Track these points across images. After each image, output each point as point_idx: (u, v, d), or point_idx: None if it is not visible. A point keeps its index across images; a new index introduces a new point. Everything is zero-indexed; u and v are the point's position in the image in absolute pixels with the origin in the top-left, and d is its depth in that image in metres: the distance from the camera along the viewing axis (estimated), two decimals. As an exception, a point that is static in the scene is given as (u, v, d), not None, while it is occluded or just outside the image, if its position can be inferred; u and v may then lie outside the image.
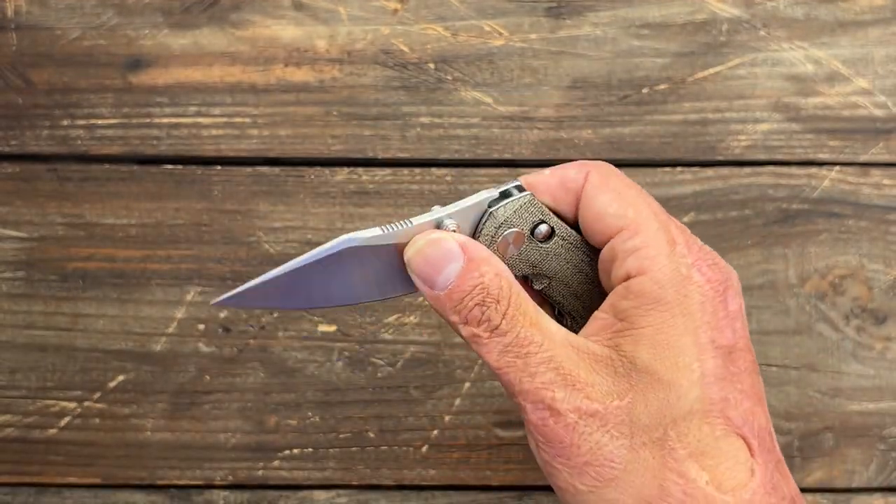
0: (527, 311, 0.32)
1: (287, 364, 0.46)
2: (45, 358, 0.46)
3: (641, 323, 0.31)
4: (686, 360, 0.31)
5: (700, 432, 0.30)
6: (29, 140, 0.46)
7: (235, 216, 0.46)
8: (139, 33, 0.47)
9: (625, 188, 0.33)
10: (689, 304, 0.31)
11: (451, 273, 0.32)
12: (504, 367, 0.31)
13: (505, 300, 0.31)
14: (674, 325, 0.31)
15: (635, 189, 0.33)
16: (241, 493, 0.45)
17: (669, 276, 0.31)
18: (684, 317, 0.31)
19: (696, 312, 0.31)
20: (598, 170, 0.34)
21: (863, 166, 0.46)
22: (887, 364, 0.45)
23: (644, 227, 0.32)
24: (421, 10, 0.47)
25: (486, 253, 0.32)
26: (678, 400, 0.30)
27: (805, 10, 0.47)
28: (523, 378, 0.31)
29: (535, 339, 0.31)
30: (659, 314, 0.31)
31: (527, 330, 0.31)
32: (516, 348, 0.31)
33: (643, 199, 0.33)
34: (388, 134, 0.46)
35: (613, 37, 0.47)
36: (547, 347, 0.31)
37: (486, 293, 0.31)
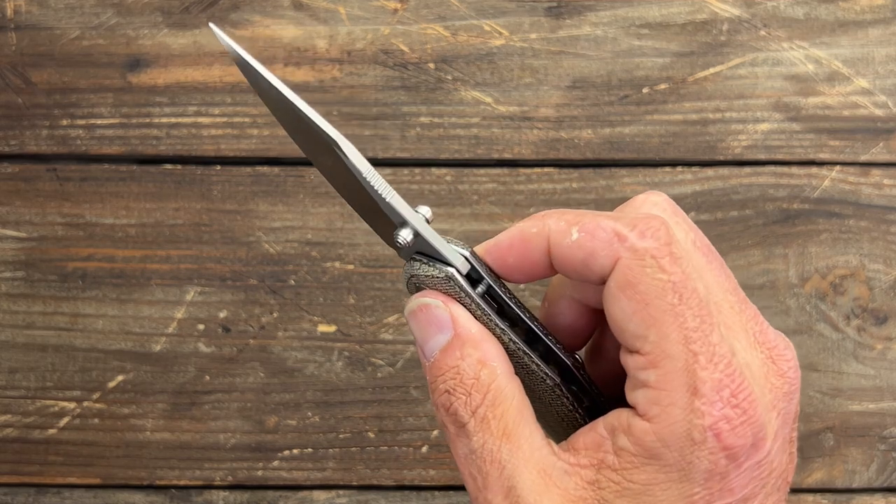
0: (504, 414, 0.27)
1: (287, 364, 0.46)
2: (45, 358, 0.46)
3: (633, 478, 0.26)
4: None
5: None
6: (28, 140, 0.46)
7: (235, 216, 0.46)
8: (139, 33, 0.47)
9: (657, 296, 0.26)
10: (691, 472, 0.26)
11: (436, 345, 0.28)
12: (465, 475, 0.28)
13: (479, 395, 0.27)
14: (666, 489, 0.26)
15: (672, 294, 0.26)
16: (241, 494, 0.45)
17: (677, 437, 0.26)
18: (682, 483, 0.26)
19: (697, 480, 0.26)
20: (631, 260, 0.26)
21: (863, 166, 0.46)
22: (888, 364, 0.45)
23: (665, 361, 0.26)
24: (421, 10, 0.47)
25: (479, 333, 0.28)
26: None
27: (805, 10, 0.47)
28: (478, 496, 0.27)
29: (502, 457, 0.27)
30: (653, 473, 0.26)
31: (494, 442, 0.27)
32: (478, 461, 0.27)
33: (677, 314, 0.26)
34: (388, 134, 0.46)
35: (613, 37, 0.47)
36: (510, 472, 0.27)
37: (458, 380, 0.28)
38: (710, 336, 0.26)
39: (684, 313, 0.26)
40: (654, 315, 0.26)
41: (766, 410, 0.27)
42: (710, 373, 0.26)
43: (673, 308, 0.26)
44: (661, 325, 0.26)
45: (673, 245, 0.27)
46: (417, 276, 0.29)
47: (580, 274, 0.28)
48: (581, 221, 0.27)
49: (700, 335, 0.26)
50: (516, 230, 0.29)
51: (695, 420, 0.26)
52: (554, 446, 0.28)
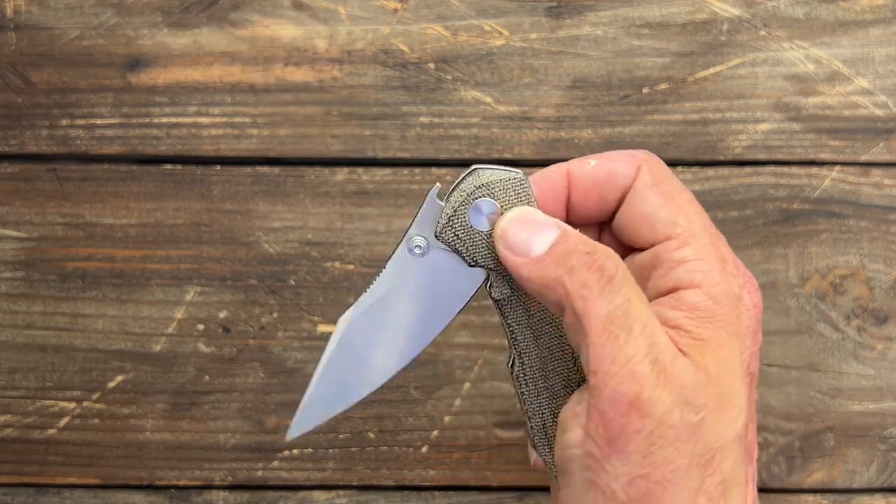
0: (635, 283, 0.29)
1: (287, 364, 0.46)
2: (45, 358, 0.46)
3: (702, 335, 0.29)
4: (737, 383, 0.29)
5: (733, 460, 0.29)
6: (28, 140, 0.46)
7: (235, 216, 0.46)
8: (138, 33, 0.47)
9: (678, 192, 0.31)
10: (739, 326, 0.30)
11: (547, 238, 0.30)
12: (603, 339, 0.28)
13: (616, 257, 0.29)
14: (728, 344, 0.29)
15: (687, 194, 0.31)
16: (241, 494, 0.45)
17: (724, 294, 0.30)
18: (736, 337, 0.30)
19: (744, 336, 0.30)
20: (650, 166, 0.32)
21: (863, 166, 0.46)
22: (888, 364, 0.45)
23: (696, 238, 0.30)
24: (421, 10, 0.47)
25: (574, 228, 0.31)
26: (730, 425, 0.29)
27: (805, 10, 0.47)
28: (618, 358, 0.28)
29: (644, 314, 0.28)
30: (715, 330, 0.29)
31: (639, 300, 0.29)
32: (624, 316, 0.28)
33: (695, 207, 0.31)
34: (387, 134, 0.46)
35: (613, 36, 0.47)
36: (651, 329, 0.28)
37: (593, 245, 0.29)
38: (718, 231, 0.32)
39: (698, 207, 0.32)
40: (680, 205, 0.31)
41: None
42: (727, 249, 0.31)
43: (692, 200, 0.31)
44: (688, 212, 0.31)
45: None
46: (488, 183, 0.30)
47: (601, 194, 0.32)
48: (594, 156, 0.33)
49: (713, 228, 0.31)
50: (537, 174, 0.33)
51: (731, 280, 0.30)
52: None
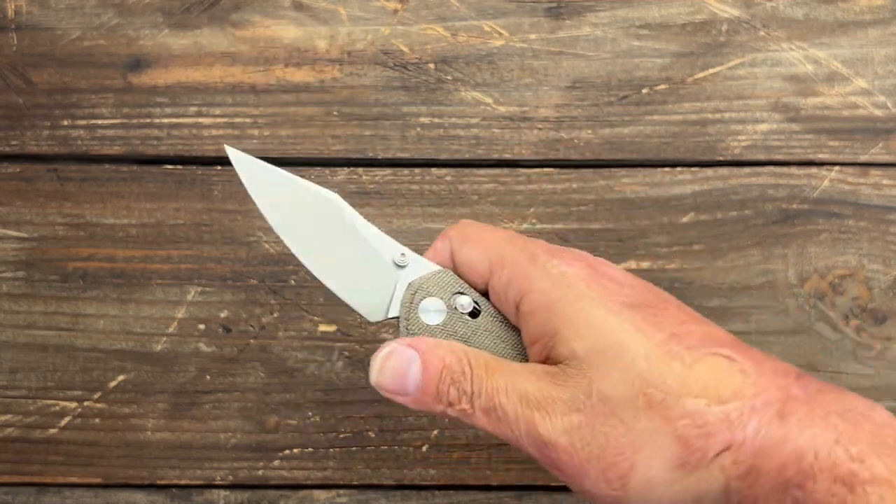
0: (484, 363, 0.33)
1: (287, 364, 0.46)
2: (46, 358, 0.46)
3: (553, 328, 0.32)
4: (613, 325, 0.31)
5: (672, 372, 0.30)
6: (29, 140, 0.47)
7: (236, 216, 0.46)
8: (139, 33, 0.47)
9: (481, 233, 0.35)
10: (578, 289, 0.32)
11: (416, 374, 0.33)
12: (496, 429, 0.32)
13: (467, 367, 0.33)
14: (580, 309, 0.31)
15: (490, 231, 0.35)
16: (242, 493, 0.45)
17: (547, 282, 0.32)
18: (582, 300, 0.31)
19: (588, 292, 0.32)
20: (455, 230, 0.35)
21: (862, 166, 0.46)
22: (887, 364, 0.45)
23: (506, 258, 0.33)
24: (421, 11, 0.47)
25: (431, 340, 0.34)
26: (633, 360, 0.30)
27: (805, 11, 0.47)
28: (512, 428, 0.32)
29: (501, 385, 0.32)
30: (560, 313, 0.32)
31: (490, 381, 0.32)
32: (492, 404, 0.32)
33: (499, 236, 0.34)
34: (388, 134, 0.46)
35: (613, 37, 0.47)
36: (512, 388, 0.32)
37: (451, 371, 0.33)
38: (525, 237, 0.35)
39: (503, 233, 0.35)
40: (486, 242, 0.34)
41: None
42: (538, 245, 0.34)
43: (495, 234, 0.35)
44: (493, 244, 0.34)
45: None
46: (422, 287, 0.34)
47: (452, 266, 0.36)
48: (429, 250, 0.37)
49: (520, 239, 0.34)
50: None
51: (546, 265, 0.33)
52: None
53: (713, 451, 0.29)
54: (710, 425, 0.29)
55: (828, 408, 0.29)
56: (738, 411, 0.29)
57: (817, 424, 0.29)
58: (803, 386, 0.30)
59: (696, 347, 0.30)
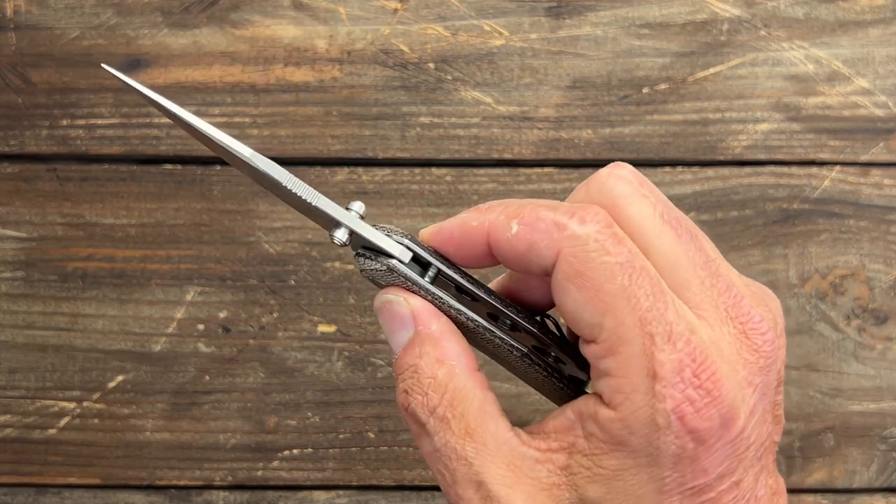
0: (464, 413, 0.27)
1: (287, 364, 0.46)
2: (45, 358, 0.46)
3: (602, 463, 0.26)
4: None
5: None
6: (29, 140, 0.46)
7: (235, 216, 0.46)
8: (138, 33, 0.47)
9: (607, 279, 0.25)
10: (659, 457, 0.25)
11: (400, 341, 0.28)
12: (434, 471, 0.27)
13: (437, 395, 0.27)
14: (636, 473, 0.26)
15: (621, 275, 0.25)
16: (241, 494, 0.45)
17: (641, 424, 0.25)
18: (651, 468, 0.26)
19: (666, 465, 0.25)
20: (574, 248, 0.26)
21: (863, 166, 0.46)
22: (888, 364, 0.45)
23: (623, 347, 0.25)
24: (421, 10, 0.47)
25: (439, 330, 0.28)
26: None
27: (805, 10, 0.47)
28: (449, 491, 0.27)
29: (467, 454, 0.27)
30: (623, 459, 0.26)
31: (458, 441, 0.27)
32: (444, 458, 0.27)
33: (629, 295, 0.25)
34: (387, 134, 0.46)
35: (613, 37, 0.47)
36: (477, 468, 0.26)
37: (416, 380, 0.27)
38: (666, 314, 0.25)
39: (636, 294, 0.25)
40: (607, 300, 0.25)
41: (738, 388, 0.26)
42: (668, 353, 0.25)
43: (624, 290, 0.25)
44: (615, 310, 0.25)
45: (614, 227, 0.26)
46: (365, 271, 0.29)
47: (523, 267, 0.27)
48: (521, 214, 0.27)
49: (655, 314, 0.25)
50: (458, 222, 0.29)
51: (657, 405, 0.25)
52: (523, 435, 0.27)
53: None
54: None
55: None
56: None
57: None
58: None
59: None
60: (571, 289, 0.26)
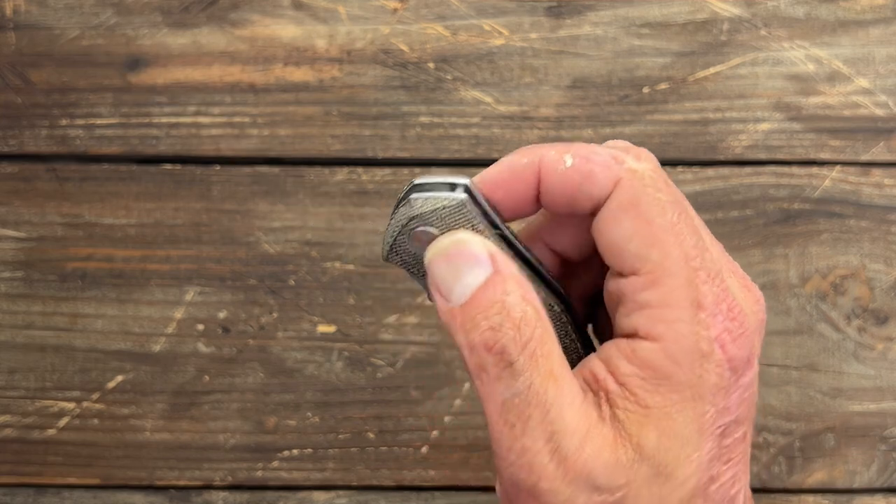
0: (551, 353, 0.26)
1: (286, 364, 0.45)
2: (44, 358, 0.46)
3: (647, 401, 0.26)
4: (689, 450, 0.26)
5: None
6: (28, 140, 0.46)
7: (235, 216, 0.46)
8: (138, 33, 0.47)
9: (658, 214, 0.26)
10: (702, 388, 0.26)
11: (471, 282, 0.26)
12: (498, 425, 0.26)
13: (528, 330, 0.26)
14: (682, 409, 0.26)
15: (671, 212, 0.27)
16: (241, 494, 0.45)
17: (687, 352, 0.26)
18: (695, 401, 0.26)
19: (707, 397, 0.26)
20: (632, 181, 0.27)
21: (864, 166, 0.46)
22: (888, 364, 0.45)
23: (667, 279, 0.26)
24: (421, 10, 0.47)
25: (518, 272, 0.27)
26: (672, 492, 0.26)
27: (806, 10, 0.47)
28: (514, 448, 0.26)
29: (547, 399, 0.26)
30: (668, 395, 0.26)
31: (542, 382, 0.26)
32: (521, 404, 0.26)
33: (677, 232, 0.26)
34: (387, 134, 0.46)
35: (614, 36, 0.47)
36: (554, 415, 0.26)
37: (506, 314, 0.26)
38: (707, 253, 0.27)
39: (683, 231, 0.26)
40: (657, 233, 0.26)
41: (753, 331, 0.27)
42: (710, 287, 0.26)
43: (673, 226, 0.26)
44: (664, 243, 0.26)
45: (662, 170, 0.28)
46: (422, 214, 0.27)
47: (573, 201, 0.27)
48: (573, 149, 0.27)
49: (698, 252, 0.26)
50: (506, 163, 0.28)
51: (702, 332, 0.26)
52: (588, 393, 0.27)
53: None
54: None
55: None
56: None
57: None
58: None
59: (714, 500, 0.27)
60: (624, 218, 0.26)
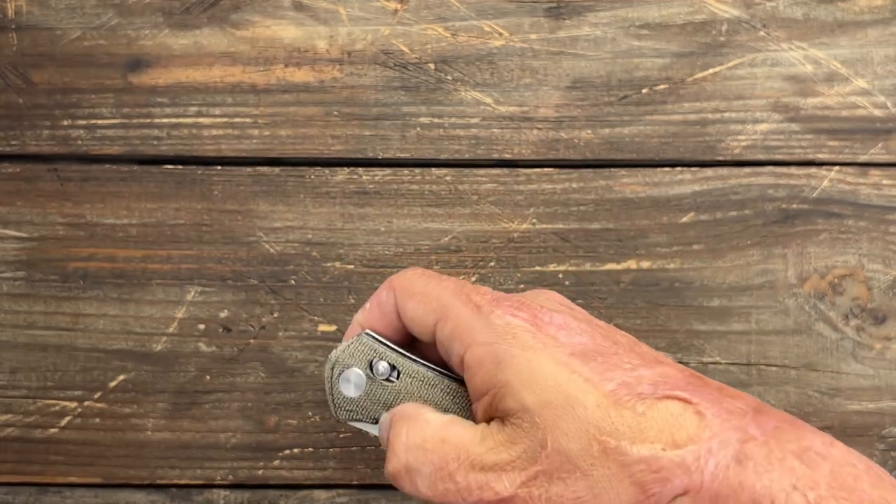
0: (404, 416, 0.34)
1: (287, 364, 0.46)
2: (46, 358, 0.46)
3: (500, 380, 0.31)
4: (562, 377, 0.31)
5: (624, 419, 0.30)
6: (29, 140, 0.47)
7: (236, 216, 0.46)
8: (139, 33, 0.47)
9: (425, 285, 0.34)
10: (524, 340, 0.32)
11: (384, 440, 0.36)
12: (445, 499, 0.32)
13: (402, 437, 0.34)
14: (526, 361, 0.31)
15: (436, 282, 0.34)
16: (242, 493, 0.45)
17: (490, 333, 0.32)
18: (529, 351, 0.31)
19: (534, 343, 0.31)
20: (399, 280, 0.35)
21: (862, 166, 0.46)
22: (886, 364, 0.45)
23: (449, 311, 0.33)
24: (421, 11, 0.47)
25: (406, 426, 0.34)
26: (585, 411, 0.30)
27: (804, 11, 0.47)
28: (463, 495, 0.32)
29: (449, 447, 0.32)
30: (507, 366, 0.31)
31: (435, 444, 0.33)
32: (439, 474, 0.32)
33: (441, 286, 0.34)
34: (388, 134, 0.47)
35: (613, 37, 0.47)
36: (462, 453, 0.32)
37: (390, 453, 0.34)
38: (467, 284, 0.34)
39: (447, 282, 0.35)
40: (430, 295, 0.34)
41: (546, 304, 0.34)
42: (481, 294, 0.33)
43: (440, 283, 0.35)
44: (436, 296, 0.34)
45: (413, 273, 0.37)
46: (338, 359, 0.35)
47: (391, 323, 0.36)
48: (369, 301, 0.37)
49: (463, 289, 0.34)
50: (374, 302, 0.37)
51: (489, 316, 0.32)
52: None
53: (670, 495, 0.29)
54: (666, 470, 0.29)
55: (785, 448, 0.29)
56: (693, 455, 0.29)
57: (775, 468, 0.28)
58: (760, 424, 0.30)
59: (649, 394, 0.30)
60: (407, 303, 0.35)
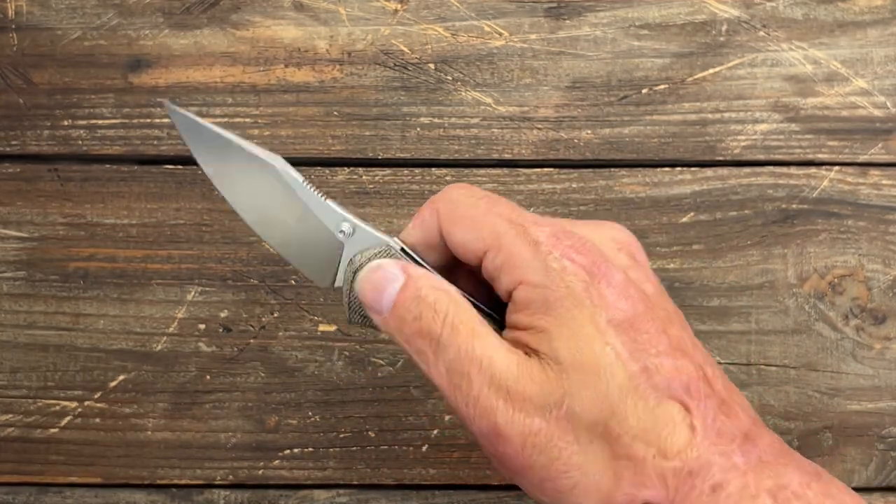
0: (467, 318, 0.32)
1: (287, 364, 0.46)
2: (46, 357, 0.46)
3: (542, 325, 0.31)
4: (597, 346, 0.30)
5: (637, 410, 0.30)
6: (30, 140, 0.47)
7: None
8: (140, 34, 0.47)
9: (473, 208, 0.33)
10: (575, 293, 0.31)
11: (392, 291, 0.33)
12: (450, 394, 0.31)
13: (443, 307, 0.32)
14: (571, 317, 0.30)
15: (484, 203, 0.33)
16: (242, 493, 0.45)
17: (544, 275, 0.31)
18: (576, 307, 0.31)
19: (584, 299, 0.31)
20: (444, 202, 0.34)
21: (862, 166, 0.46)
22: (886, 364, 0.46)
23: (503, 240, 0.32)
24: (421, 11, 0.47)
25: (424, 271, 0.33)
26: (607, 387, 0.30)
27: (804, 11, 0.47)
28: (469, 402, 0.31)
29: (477, 355, 0.31)
30: (553, 313, 0.31)
31: (468, 343, 0.31)
32: (458, 366, 0.31)
33: (494, 211, 0.33)
34: (388, 134, 0.47)
35: (613, 37, 0.47)
36: (487, 363, 0.31)
37: (423, 303, 0.32)
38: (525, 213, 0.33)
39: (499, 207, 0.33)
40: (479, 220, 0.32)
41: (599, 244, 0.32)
42: (539, 228, 0.32)
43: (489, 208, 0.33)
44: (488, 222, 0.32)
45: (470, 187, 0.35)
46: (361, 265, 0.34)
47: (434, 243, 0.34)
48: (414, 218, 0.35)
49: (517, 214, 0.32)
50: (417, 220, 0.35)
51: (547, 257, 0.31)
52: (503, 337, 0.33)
53: (640, 500, 0.30)
54: (646, 477, 0.29)
55: (761, 486, 0.29)
56: (674, 472, 0.29)
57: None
58: (745, 453, 0.30)
59: (662, 388, 0.30)
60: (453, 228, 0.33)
